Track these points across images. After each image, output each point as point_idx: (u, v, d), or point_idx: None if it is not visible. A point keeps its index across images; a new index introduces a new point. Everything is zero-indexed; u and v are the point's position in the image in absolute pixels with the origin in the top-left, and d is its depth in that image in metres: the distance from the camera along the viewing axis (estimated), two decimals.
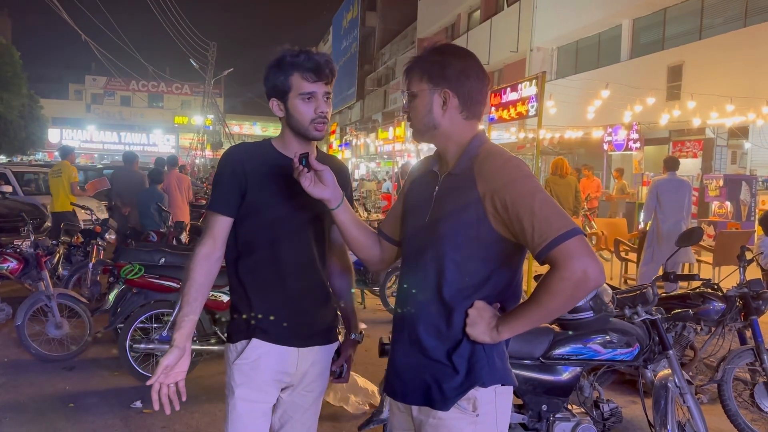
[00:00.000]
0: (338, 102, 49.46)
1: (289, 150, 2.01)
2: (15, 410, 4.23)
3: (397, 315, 1.86)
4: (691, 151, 16.28)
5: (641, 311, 3.33)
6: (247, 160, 2.02)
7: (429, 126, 1.78)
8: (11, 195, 11.48)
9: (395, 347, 1.85)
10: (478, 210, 1.66)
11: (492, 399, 1.73)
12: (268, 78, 2.00)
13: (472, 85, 1.74)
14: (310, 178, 1.82)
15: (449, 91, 1.73)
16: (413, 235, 1.83)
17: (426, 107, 1.76)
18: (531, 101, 7.77)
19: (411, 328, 1.77)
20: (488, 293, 1.72)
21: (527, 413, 3.21)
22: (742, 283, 4.36)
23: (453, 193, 1.73)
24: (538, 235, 1.56)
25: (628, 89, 14.28)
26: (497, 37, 23.85)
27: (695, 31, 16.07)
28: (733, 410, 3.94)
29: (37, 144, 32.34)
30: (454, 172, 1.75)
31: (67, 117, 52.96)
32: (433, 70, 1.74)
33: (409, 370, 1.79)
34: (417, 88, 1.77)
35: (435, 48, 1.78)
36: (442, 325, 1.72)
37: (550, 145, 18.40)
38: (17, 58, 26.59)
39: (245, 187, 1.98)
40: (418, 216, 1.81)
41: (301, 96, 1.96)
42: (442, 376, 1.72)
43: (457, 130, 1.77)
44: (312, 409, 2.16)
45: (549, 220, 1.56)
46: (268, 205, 2.00)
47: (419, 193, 1.86)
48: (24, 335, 5.16)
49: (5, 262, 5.41)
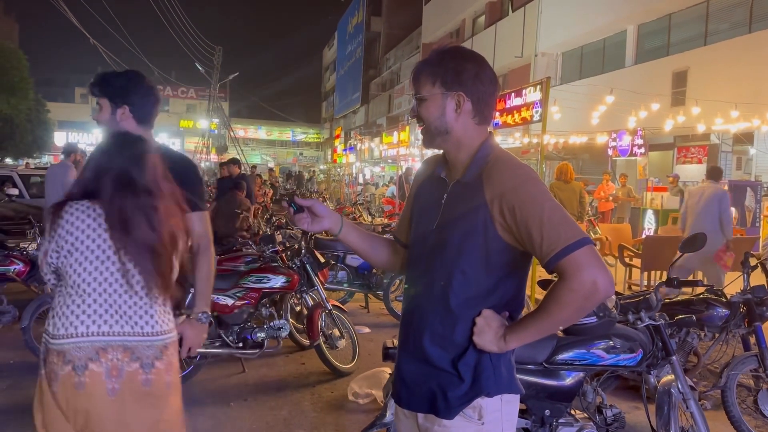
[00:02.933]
0: (343, 106, 49.54)
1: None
2: (20, 412, 4.24)
3: (403, 321, 1.86)
4: (696, 156, 16.26)
5: (645, 317, 3.33)
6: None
7: (441, 130, 1.74)
8: (17, 198, 11.53)
9: (401, 354, 1.85)
10: (485, 216, 1.64)
11: (498, 407, 1.72)
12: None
13: (485, 90, 1.73)
14: (306, 221, 1.82)
15: (463, 95, 1.71)
16: (420, 240, 1.82)
17: (438, 111, 1.73)
18: (535, 107, 7.79)
19: (416, 335, 1.77)
20: (495, 302, 1.71)
21: (530, 418, 3.22)
22: (746, 289, 4.35)
23: (461, 200, 1.71)
24: (547, 244, 1.55)
25: (632, 95, 14.27)
26: (502, 42, 23.87)
27: (700, 36, 16.06)
28: (736, 416, 3.93)
29: (43, 147, 32.50)
30: (464, 181, 1.72)
31: (73, 120, 53.15)
32: (447, 73, 1.70)
33: (414, 377, 1.78)
34: (429, 92, 1.73)
35: (446, 51, 1.74)
36: (447, 334, 1.71)
37: (555, 150, 18.39)
38: (24, 61, 26.75)
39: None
40: (426, 222, 1.79)
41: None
42: (447, 385, 1.71)
43: (468, 134, 1.75)
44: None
45: (558, 228, 1.55)
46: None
47: (427, 199, 1.84)
48: (30, 337, 5.18)
49: (12, 265, 5.44)
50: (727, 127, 13.11)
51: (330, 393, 4.74)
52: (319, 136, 64.90)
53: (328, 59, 61.46)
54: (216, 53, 41.17)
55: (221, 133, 45.40)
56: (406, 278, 1.88)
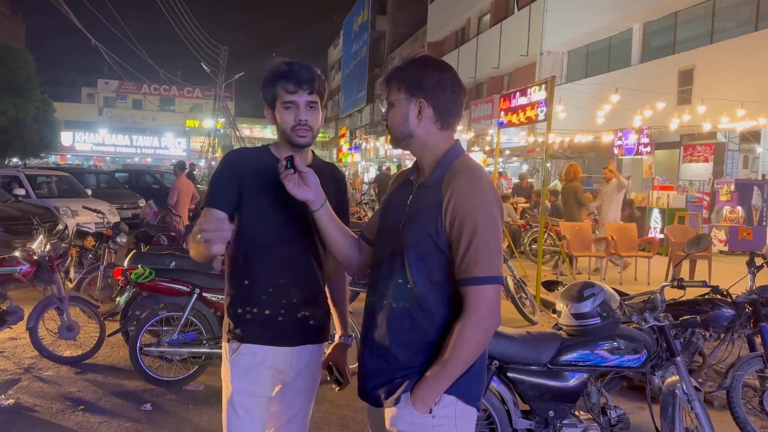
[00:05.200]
0: (348, 105, 49.54)
1: (282, 154, 2.08)
2: (25, 413, 4.27)
3: (365, 317, 1.91)
4: (702, 155, 16.19)
5: (649, 318, 3.33)
6: (245, 162, 2.11)
7: (405, 134, 1.85)
8: (24, 198, 11.58)
9: (363, 350, 1.90)
10: (437, 220, 1.74)
11: (452, 408, 1.76)
12: (262, 89, 2.11)
13: (447, 97, 1.82)
14: (294, 180, 1.89)
15: (424, 101, 1.80)
16: (383, 241, 1.90)
17: (402, 116, 1.83)
18: (540, 106, 7.78)
19: (378, 332, 1.83)
20: (454, 303, 1.76)
21: (534, 419, 3.22)
22: (752, 290, 4.34)
23: (422, 202, 1.80)
24: (465, 265, 1.68)
25: (638, 93, 14.22)
26: (507, 40, 23.82)
27: (706, 35, 15.98)
28: (742, 417, 3.92)
29: (50, 147, 32.63)
30: (427, 184, 1.82)
31: (79, 120, 53.39)
32: (410, 80, 1.81)
33: (375, 372, 1.84)
34: (395, 98, 1.84)
35: (414, 59, 1.86)
36: (406, 331, 1.78)
37: (560, 149, 18.35)
38: (31, 62, 26.86)
39: (242, 188, 2.06)
40: (392, 223, 1.87)
41: (284, 104, 2.06)
42: (405, 378, 1.78)
43: (431, 139, 1.84)
44: (306, 408, 2.22)
45: (480, 257, 1.67)
46: (263, 208, 2.07)
47: (396, 200, 1.92)
48: (36, 338, 5.21)
49: (18, 266, 5.46)
50: (734, 125, 13.04)
51: (334, 393, 4.74)
52: (324, 135, 64.88)
53: (334, 58, 61.49)
54: (221, 53, 41.27)
55: (227, 132, 45.51)
56: (370, 277, 1.94)
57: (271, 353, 2.07)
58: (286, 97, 2.05)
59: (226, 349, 2.11)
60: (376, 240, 1.96)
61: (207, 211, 2.05)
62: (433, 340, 1.76)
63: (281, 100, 2.06)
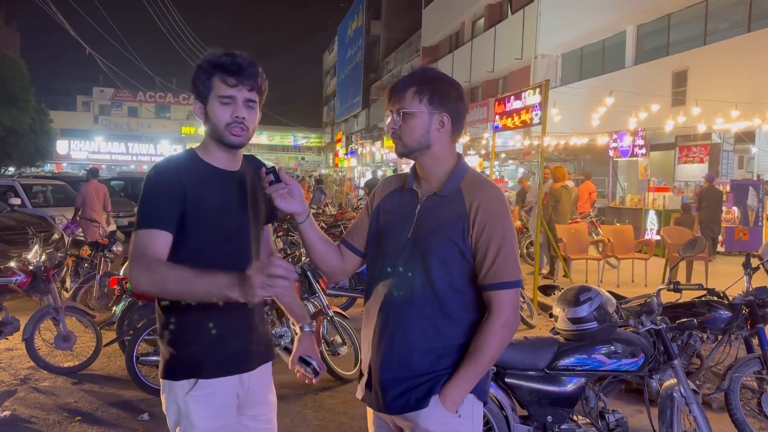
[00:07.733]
0: (344, 110, 49.59)
1: (212, 158, 1.95)
2: (22, 424, 4.25)
3: (378, 325, 1.87)
4: (698, 156, 16.23)
5: (646, 321, 3.32)
6: (182, 174, 1.88)
7: (423, 145, 1.85)
8: (19, 207, 11.54)
9: (378, 362, 1.86)
10: (464, 229, 1.78)
11: (470, 405, 1.83)
12: (193, 79, 1.92)
13: (462, 112, 1.88)
14: (282, 193, 1.82)
15: (447, 116, 1.84)
16: (394, 252, 1.87)
17: (424, 128, 1.83)
18: (535, 109, 7.79)
19: (395, 339, 1.82)
20: (479, 306, 1.82)
21: (532, 424, 3.21)
22: (748, 291, 4.34)
23: (439, 210, 1.82)
24: (494, 270, 1.76)
25: (632, 95, 14.27)
26: (501, 44, 23.89)
27: (700, 36, 16.04)
28: (740, 419, 3.92)
29: (46, 156, 32.54)
30: (442, 194, 1.84)
31: (75, 128, 53.29)
32: (434, 93, 1.82)
33: (393, 381, 1.83)
34: (415, 108, 1.82)
35: (431, 71, 1.88)
36: (430, 338, 1.80)
37: (556, 151, 18.37)
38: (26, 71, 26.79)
39: (184, 203, 1.84)
40: (399, 233, 1.86)
41: (219, 98, 1.88)
42: (427, 383, 1.80)
43: (444, 151, 1.87)
44: (269, 417, 2.15)
45: (508, 263, 1.77)
46: (209, 223, 1.88)
47: (398, 211, 1.91)
48: (32, 348, 5.19)
49: (13, 276, 5.44)
50: (728, 126, 13.09)
51: (332, 400, 4.74)
52: (320, 141, 64.94)
53: (329, 63, 61.54)
54: None
55: None
56: (373, 286, 1.91)
57: (229, 382, 1.94)
58: (223, 91, 1.86)
59: (176, 388, 1.90)
60: (377, 250, 1.92)
61: (148, 233, 1.79)
62: (456, 343, 1.81)
63: (218, 93, 1.87)
